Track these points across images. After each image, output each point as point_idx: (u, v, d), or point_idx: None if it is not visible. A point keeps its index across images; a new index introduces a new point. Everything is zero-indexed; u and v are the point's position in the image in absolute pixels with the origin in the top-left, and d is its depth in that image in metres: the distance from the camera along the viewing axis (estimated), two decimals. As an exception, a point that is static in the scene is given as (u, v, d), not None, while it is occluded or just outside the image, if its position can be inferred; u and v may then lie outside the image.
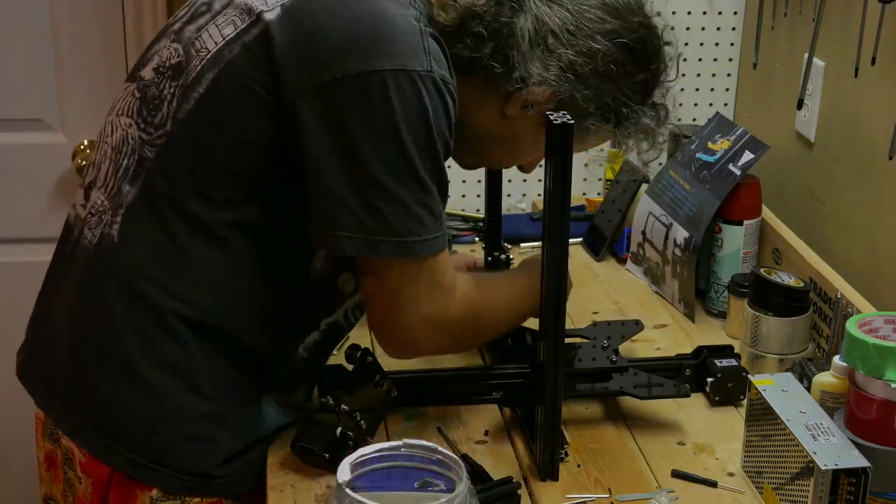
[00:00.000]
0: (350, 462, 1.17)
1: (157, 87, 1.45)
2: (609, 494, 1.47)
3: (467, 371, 1.72)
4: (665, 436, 1.60)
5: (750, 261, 1.95)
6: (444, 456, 1.19)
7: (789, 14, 2.06)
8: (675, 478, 1.51)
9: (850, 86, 1.86)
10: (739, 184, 1.91)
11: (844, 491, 1.34)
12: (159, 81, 1.45)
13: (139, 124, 1.45)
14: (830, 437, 1.38)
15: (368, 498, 1.11)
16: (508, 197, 2.25)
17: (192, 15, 1.48)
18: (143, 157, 1.44)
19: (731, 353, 1.69)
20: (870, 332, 1.38)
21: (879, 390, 1.36)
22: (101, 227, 1.46)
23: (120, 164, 1.46)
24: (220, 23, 1.43)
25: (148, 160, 1.43)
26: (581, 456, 1.55)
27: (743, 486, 1.50)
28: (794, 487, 1.38)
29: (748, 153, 1.92)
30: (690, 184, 1.97)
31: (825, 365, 1.56)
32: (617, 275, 2.11)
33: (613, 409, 1.66)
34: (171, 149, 1.42)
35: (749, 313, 1.76)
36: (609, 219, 2.15)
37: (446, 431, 1.59)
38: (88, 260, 1.46)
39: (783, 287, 1.74)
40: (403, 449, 1.20)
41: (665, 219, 1.99)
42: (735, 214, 1.93)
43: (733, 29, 2.31)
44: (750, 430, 1.50)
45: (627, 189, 2.15)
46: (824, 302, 1.77)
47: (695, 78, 2.33)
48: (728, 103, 2.35)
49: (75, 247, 1.50)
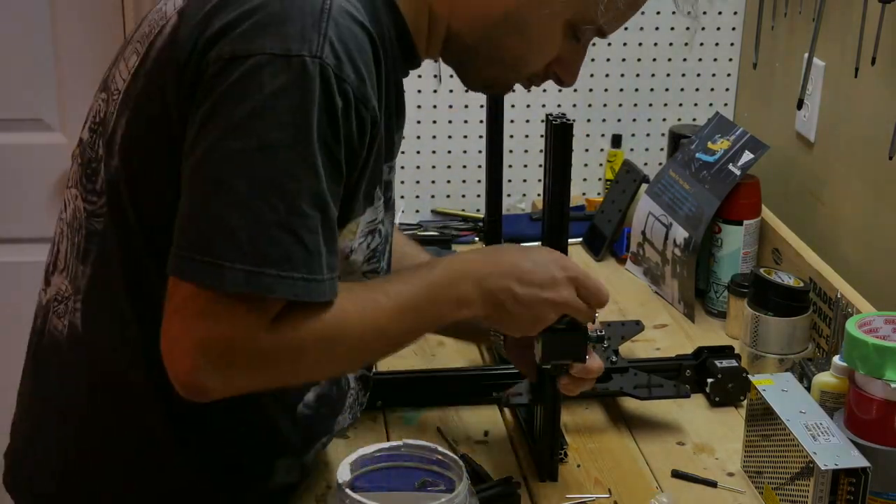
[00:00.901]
0: (350, 462, 1.17)
1: (93, 147, 1.26)
2: (609, 494, 1.47)
3: (468, 372, 1.72)
4: (665, 436, 1.60)
5: (750, 261, 1.95)
6: (444, 456, 1.19)
7: (789, 14, 2.06)
8: (675, 478, 1.51)
9: (850, 86, 1.86)
10: (739, 184, 1.91)
11: (844, 491, 1.34)
12: (93, 141, 1.27)
13: (83, 195, 1.26)
14: (830, 437, 1.38)
15: (368, 498, 1.11)
16: (508, 197, 2.25)
17: (116, 56, 1.30)
18: (91, 231, 1.25)
19: (732, 354, 1.69)
20: (870, 332, 1.38)
21: (879, 390, 1.36)
22: (67, 316, 1.28)
23: (74, 242, 1.28)
24: (127, 54, 1.25)
25: (96, 233, 1.24)
26: (581, 456, 1.55)
27: (743, 486, 1.49)
28: (794, 487, 1.38)
29: (748, 153, 1.92)
30: (690, 184, 1.97)
31: (825, 365, 1.56)
32: (617, 275, 2.11)
33: (613, 410, 1.66)
34: (112, 215, 1.22)
35: (749, 313, 1.76)
36: (609, 219, 2.16)
37: (446, 432, 1.59)
38: (62, 354, 1.29)
39: (783, 287, 1.74)
40: (403, 449, 1.20)
41: (665, 219, 1.99)
42: (735, 214, 1.93)
43: (733, 29, 2.31)
44: (750, 430, 1.50)
45: (627, 189, 2.15)
46: (824, 302, 1.77)
47: (695, 78, 2.33)
48: (728, 103, 2.35)
49: (41, 338, 1.33)
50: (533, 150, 2.33)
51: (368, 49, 1.15)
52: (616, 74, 2.32)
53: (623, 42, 2.28)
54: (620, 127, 2.36)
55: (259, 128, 1.08)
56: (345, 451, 1.28)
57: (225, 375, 1.13)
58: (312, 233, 1.11)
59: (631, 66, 2.32)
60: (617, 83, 2.33)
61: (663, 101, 2.35)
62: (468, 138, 2.31)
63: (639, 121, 2.36)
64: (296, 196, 1.09)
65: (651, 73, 2.33)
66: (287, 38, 1.09)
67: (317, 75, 1.09)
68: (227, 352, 1.12)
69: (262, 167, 1.09)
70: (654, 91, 2.34)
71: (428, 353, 1.79)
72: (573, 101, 2.31)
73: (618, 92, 2.33)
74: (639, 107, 2.35)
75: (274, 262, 1.09)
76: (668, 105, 2.35)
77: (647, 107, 2.35)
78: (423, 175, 2.33)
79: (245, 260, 1.08)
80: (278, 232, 1.09)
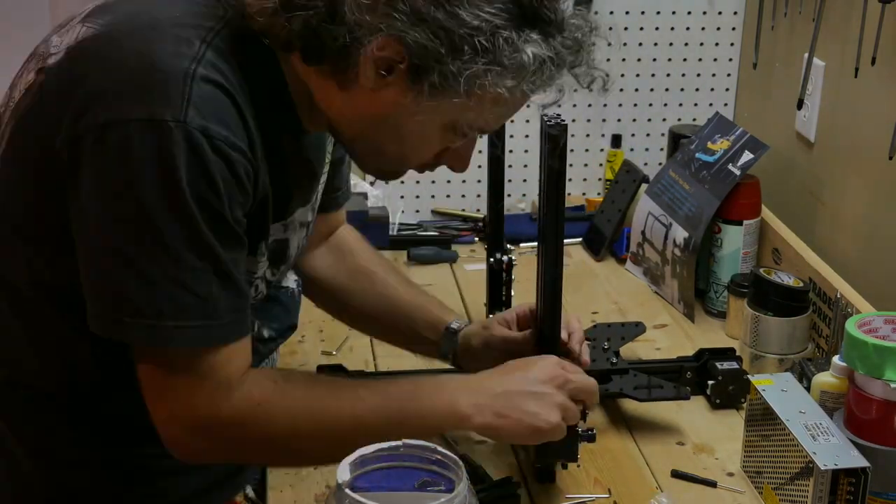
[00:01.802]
0: (350, 462, 1.17)
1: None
2: (609, 494, 1.47)
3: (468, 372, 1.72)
4: (665, 436, 1.60)
5: (749, 261, 1.95)
6: (444, 456, 1.19)
7: (789, 14, 2.06)
8: (674, 478, 1.51)
9: (850, 86, 1.86)
10: (739, 184, 1.91)
11: (844, 491, 1.34)
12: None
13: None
14: (830, 437, 1.38)
15: (368, 498, 1.11)
16: (509, 197, 2.24)
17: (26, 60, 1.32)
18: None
19: (733, 356, 1.69)
20: (869, 332, 1.38)
21: (879, 390, 1.36)
22: None
23: None
24: (25, 71, 1.28)
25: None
26: (581, 456, 1.54)
27: (743, 486, 1.49)
28: (794, 487, 1.38)
29: (748, 153, 1.92)
30: (690, 184, 1.97)
31: (825, 365, 1.56)
32: (617, 275, 2.11)
33: (614, 410, 1.66)
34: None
35: (749, 313, 1.76)
36: (609, 219, 2.16)
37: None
38: None
39: (783, 287, 1.74)
40: (403, 449, 1.20)
41: (664, 219, 1.99)
42: (735, 214, 1.93)
43: (733, 29, 2.31)
44: (749, 430, 1.50)
45: (627, 189, 2.15)
46: (824, 302, 1.77)
47: (695, 78, 2.34)
48: (728, 103, 2.35)
49: None
50: (533, 150, 2.33)
51: (232, 108, 1.18)
52: (616, 74, 2.32)
53: (623, 42, 2.28)
54: (620, 127, 2.36)
55: (134, 194, 1.14)
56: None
57: (204, 443, 1.24)
58: (203, 283, 1.17)
59: (631, 66, 2.32)
60: (617, 83, 2.33)
61: (663, 101, 2.35)
62: (468, 138, 2.31)
63: (639, 121, 2.36)
64: (180, 252, 1.16)
65: (651, 73, 2.33)
66: (153, 104, 1.14)
67: (181, 138, 1.13)
68: (194, 424, 1.22)
69: (144, 231, 1.15)
70: (654, 91, 2.34)
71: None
72: (573, 101, 2.29)
73: (618, 92, 2.33)
74: (639, 107, 2.35)
75: (170, 316, 1.17)
76: (668, 105, 2.35)
77: (647, 107, 2.35)
78: (423, 175, 2.32)
79: (145, 315, 1.16)
80: (171, 287, 1.16)
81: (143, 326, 1.16)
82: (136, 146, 1.13)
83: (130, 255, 1.15)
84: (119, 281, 1.16)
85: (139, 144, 1.13)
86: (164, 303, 1.16)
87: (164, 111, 1.13)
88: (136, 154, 1.13)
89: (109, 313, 1.17)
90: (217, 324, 1.19)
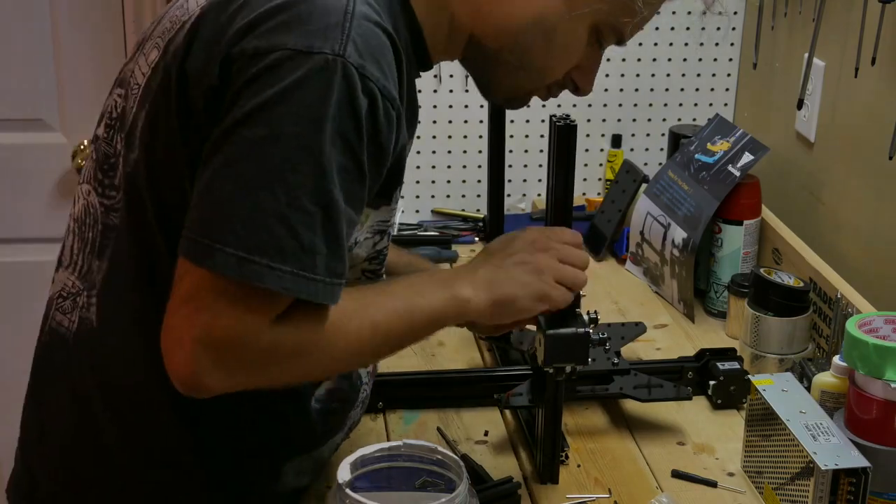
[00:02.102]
0: (350, 462, 1.17)
1: (110, 143, 1.27)
2: (609, 494, 1.47)
3: (468, 373, 1.72)
4: (665, 436, 1.60)
5: (750, 261, 1.95)
6: (444, 456, 1.19)
7: (789, 14, 2.06)
8: (675, 478, 1.51)
9: (850, 86, 1.86)
10: (739, 184, 1.91)
11: (844, 491, 1.34)
12: (110, 136, 1.28)
13: (97, 189, 1.28)
14: (830, 437, 1.38)
15: (368, 498, 1.11)
16: (508, 197, 2.25)
17: (133, 52, 1.31)
18: (108, 225, 1.25)
19: (734, 356, 1.69)
20: (870, 332, 1.38)
21: (879, 390, 1.36)
22: (77, 312, 1.28)
23: (86, 238, 1.28)
24: (147, 49, 1.26)
25: (113, 228, 1.25)
26: (581, 456, 1.55)
27: (743, 486, 1.49)
28: (794, 487, 1.38)
29: (748, 154, 1.92)
30: (689, 185, 1.97)
31: (825, 365, 1.56)
32: (617, 275, 2.11)
33: (614, 410, 1.66)
34: (130, 209, 1.22)
35: (749, 313, 1.76)
36: (609, 219, 2.16)
37: (446, 432, 1.59)
38: (66, 350, 1.29)
39: (783, 287, 1.74)
40: (403, 449, 1.20)
41: (663, 219, 1.99)
42: (735, 214, 1.93)
43: (733, 29, 2.31)
44: (750, 430, 1.50)
45: (627, 189, 2.15)
46: (824, 302, 1.77)
47: (695, 78, 2.34)
48: (728, 103, 2.35)
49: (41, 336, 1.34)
50: (533, 150, 2.33)
51: (390, 51, 1.16)
52: (616, 74, 2.32)
53: (623, 42, 2.28)
54: (620, 127, 2.36)
55: (271, 117, 1.09)
56: (345, 451, 1.28)
57: (224, 371, 1.12)
58: (310, 230, 1.10)
59: (631, 66, 2.32)
60: (617, 83, 2.33)
61: (663, 101, 2.35)
62: (468, 138, 2.31)
63: (639, 121, 2.36)
64: (297, 189, 1.09)
65: (651, 73, 2.33)
66: (310, 36, 1.10)
67: (338, 72, 1.09)
68: (227, 348, 1.11)
69: (269, 156, 1.09)
70: (654, 91, 2.34)
71: (428, 354, 1.80)
72: (573, 101, 2.30)
73: (618, 92, 2.33)
74: (639, 107, 2.35)
75: (266, 252, 1.08)
76: (668, 105, 2.35)
77: (647, 107, 2.35)
78: (423, 175, 2.33)
79: (238, 245, 1.08)
80: (275, 222, 1.09)
81: (233, 256, 1.08)
82: (286, 73, 1.09)
83: (244, 174, 1.09)
84: (222, 201, 1.09)
85: (289, 72, 1.09)
86: (264, 236, 1.08)
87: (322, 44, 1.10)
88: (284, 80, 1.09)
89: (198, 234, 1.09)
90: (310, 277, 1.11)
